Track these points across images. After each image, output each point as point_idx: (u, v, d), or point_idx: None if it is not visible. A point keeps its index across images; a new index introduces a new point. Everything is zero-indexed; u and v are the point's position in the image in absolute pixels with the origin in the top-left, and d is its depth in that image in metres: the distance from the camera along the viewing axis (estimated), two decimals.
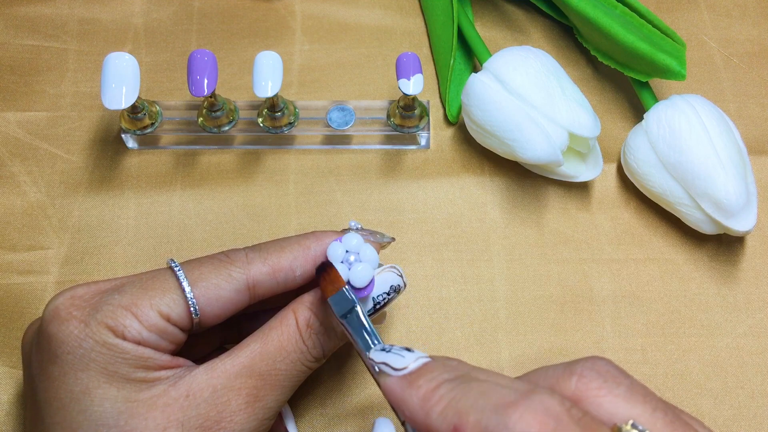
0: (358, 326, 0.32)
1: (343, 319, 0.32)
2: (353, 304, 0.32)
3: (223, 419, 0.32)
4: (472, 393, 0.26)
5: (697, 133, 0.42)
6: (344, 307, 0.32)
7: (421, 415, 0.27)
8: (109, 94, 0.42)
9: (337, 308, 0.32)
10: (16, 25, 0.52)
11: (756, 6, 0.54)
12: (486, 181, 0.47)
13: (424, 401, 0.27)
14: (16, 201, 0.46)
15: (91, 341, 0.31)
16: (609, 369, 0.28)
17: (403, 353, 0.29)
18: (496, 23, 0.53)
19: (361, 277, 0.33)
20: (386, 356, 0.29)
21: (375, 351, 0.30)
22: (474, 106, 0.44)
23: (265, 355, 0.33)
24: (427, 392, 0.27)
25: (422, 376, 0.28)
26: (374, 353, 0.30)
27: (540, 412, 0.25)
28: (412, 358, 0.29)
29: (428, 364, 0.28)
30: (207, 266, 0.34)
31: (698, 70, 0.51)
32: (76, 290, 0.33)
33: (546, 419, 0.24)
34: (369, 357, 0.30)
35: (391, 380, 0.28)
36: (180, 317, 0.33)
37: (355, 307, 0.32)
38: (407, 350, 0.29)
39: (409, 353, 0.29)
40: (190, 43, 0.52)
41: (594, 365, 0.28)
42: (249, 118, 0.48)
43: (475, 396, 0.26)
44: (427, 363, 0.29)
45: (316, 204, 0.47)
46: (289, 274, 0.35)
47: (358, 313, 0.32)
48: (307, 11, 0.54)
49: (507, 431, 0.24)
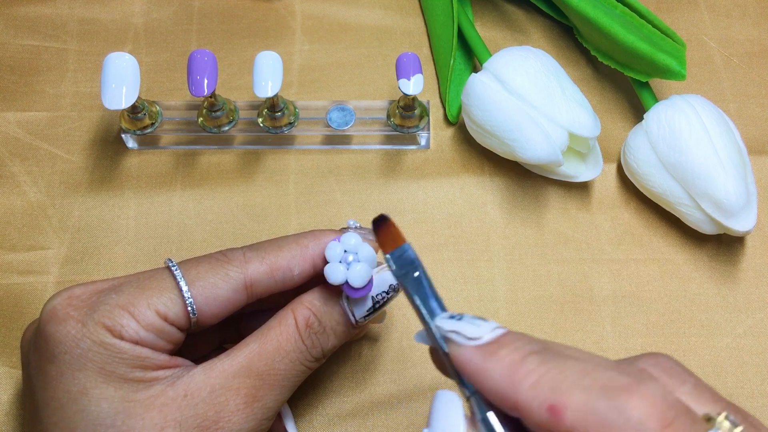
0: (419, 288, 0.30)
1: (402, 278, 0.30)
2: (415, 264, 0.30)
3: (221, 419, 0.31)
4: (572, 371, 0.25)
5: (697, 133, 0.42)
6: (404, 265, 0.30)
7: (506, 389, 0.25)
8: (109, 94, 0.42)
9: (396, 265, 0.30)
10: (16, 25, 0.52)
11: (756, 6, 0.54)
12: (486, 181, 0.47)
13: (511, 373, 0.25)
14: (16, 201, 0.46)
15: (89, 341, 0.31)
16: (673, 366, 0.26)
17: (476, 322, 0.27)
18: (496, 23, 0.53)
19: (360, 277, 0.33)
20: (457, 324, 0.28)
21: (442, 318, 0.28)
22: (474, 106, 0.44)
23: (264, 354, 0.33)
24: (512, 364, 0.26)
25: (504, 347, 0.26)
26: (442, 320, 0.28)
27: (659, 400, 0.23)
28: (487, 327, 0.27)
29: (507, 335, 0.27)
30: (204, 265, 0.34)
31: (698, 70, 0.51)
32: (74, 290, 0.33)
33: (666, 409, 0.23)
34: (435, 324, 0.28)
35: (466, 350, 0.27)
36: (177, 317, 0.33)
37: (417, 266, 0.30)
38: (480, 320, 0.28)
39: (483, 322, 0.27)
40: (190, 43, 0.52)
41: (657, 361, 0.27)
42: (249, 118, 0.48)
43: (577, 374, 0.24)
44: (505, 333, 0.27)
45: (316, 204, 0.47)
46: (287, 273, 0.35)
47: (422, 274, 0.30)
48: (307, 11, 0.54)
49: (623, 418, 0.23)
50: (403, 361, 0.42)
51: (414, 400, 0.41)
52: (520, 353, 0.26)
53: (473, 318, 0.28)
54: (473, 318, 0.28)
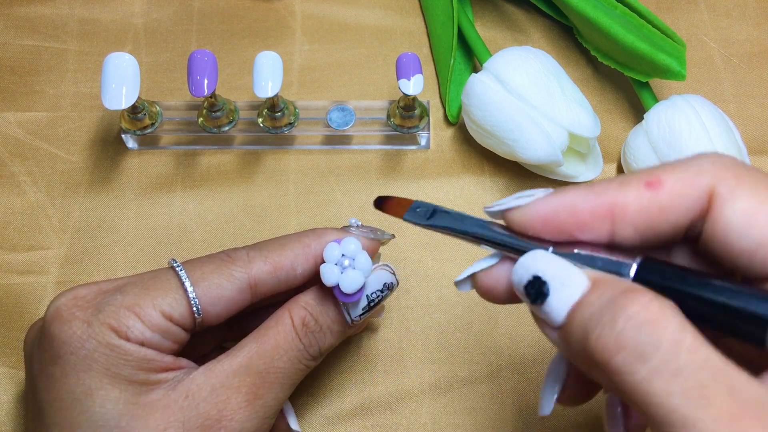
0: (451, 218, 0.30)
1: (434, 223, 0.30)
2: (432, 206, 0.30)
3: (223, 418, 0.32)
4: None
5: (697, 133, 0.42)
6: (424, 214, 0.30)
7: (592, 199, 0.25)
8: (109, 94, 0.42)
9: (419, 220, 0.30)
10: (16, 25, 0.52)
11: (756, 6, 0.54)
12: (486, 181, 0.47)
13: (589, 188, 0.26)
14: (16, 201, 0.46)
15: (94, 342, 0.31)
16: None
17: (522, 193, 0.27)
18: (496, 23, 0.53)
19: (351, 284, 0.34)
20: (503, 200, 0.27)
21: (487, 208, 0.28)
22: (474, 106, 0.44)
23: (263, 353, 0.33)
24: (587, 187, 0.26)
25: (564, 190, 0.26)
26: (489, 209, 0.28)
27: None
28: (539, 190, 0.27)
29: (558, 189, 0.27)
30: (208, 266, 0.34)
31: (698, 70, 0.51)
32: (78, 290, 0.33)
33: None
34: (487, 210, 0.28)
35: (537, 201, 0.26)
36: (182, 317, 0.33)
37: (436, 207, 0.30)
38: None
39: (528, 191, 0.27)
40: (190, 43, 0.52)
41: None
42: (249, 118, 0.48)
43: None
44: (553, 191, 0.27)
45: (316, 204, 0.47)
46: (291, 273, 0.35)
47: (440, 208, 0.30)
48: (307, 11, 0.54)
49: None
50: (402, 360, 0.42)
51: (414, 400, 0.41)
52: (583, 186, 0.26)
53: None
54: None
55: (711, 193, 0.24)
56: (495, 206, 0.28)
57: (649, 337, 0.22)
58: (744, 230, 0.24)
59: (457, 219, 0.29)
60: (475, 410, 0.41)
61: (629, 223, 0.25)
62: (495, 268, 0.28)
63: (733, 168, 0.25)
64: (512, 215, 0.27)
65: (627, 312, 0.23)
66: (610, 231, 0.26)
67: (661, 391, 0.21)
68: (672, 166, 0.25)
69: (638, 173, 0.25)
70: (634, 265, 0.25)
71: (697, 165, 0.25)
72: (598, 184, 0.26)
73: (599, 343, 0.23)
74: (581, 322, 0.24)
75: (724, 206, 0.24)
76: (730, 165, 0.25)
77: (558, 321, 0.25)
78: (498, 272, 0.28)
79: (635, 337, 0.22)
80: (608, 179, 0.26)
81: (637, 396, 0.22)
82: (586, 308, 0.24)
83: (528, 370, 0.42)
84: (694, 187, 0.25)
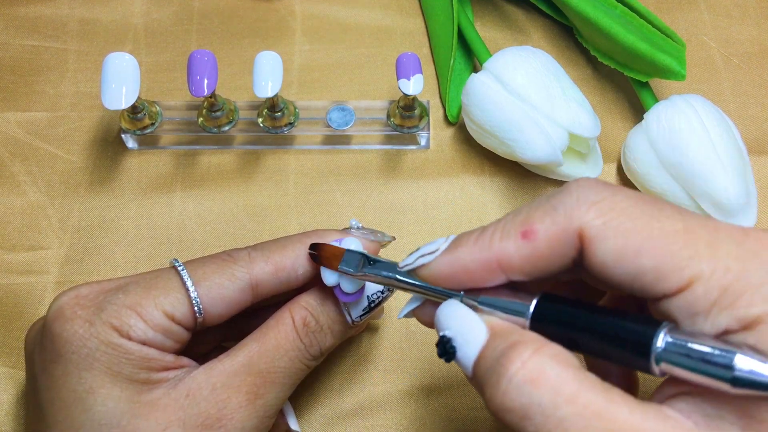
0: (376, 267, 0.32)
1: (365, 272, 0.32)
2: (359, 255, 0.33)
3: (224, 417, 0.32)
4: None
5: (697, 133, 0.42)
6: (355, 263, 0.33)
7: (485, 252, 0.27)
8: (109, 94, 0.42)
9: (352, 269, 0.33)
10: (16, 25, 0.52)
11: (756, 6, 0.54)
12: (486, 181, 0.47)
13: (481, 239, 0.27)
14: (16, 201, 0.46)
15: (96, 341, 0.31)
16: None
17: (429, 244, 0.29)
18: (496, 23, 0.53)
19: (351, 284, 0.34)
20: (413, 255, 0.29)
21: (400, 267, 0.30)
22: (474, 106, 0.44)
23: (264, 353, 0.33)
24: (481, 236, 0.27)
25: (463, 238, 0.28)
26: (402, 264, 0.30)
27: None
28: (440, 240, 0.29)
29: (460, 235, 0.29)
30: (210, 266, 0.34)
31: (698, 70, 0.51)
32: (80, 289, 0.33)
33: None
34: (400, 268, 0.30)
35: (437, 260, 0.28)
36: (184, 316, 0.33)
37: (364, 255, 0.33)
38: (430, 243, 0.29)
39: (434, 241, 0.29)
40: (190, 43, 0.52)
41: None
42: (249, 118, 0.48)
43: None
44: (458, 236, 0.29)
45: (316, 204, 0.47)
46: (292, 273, 0.35)
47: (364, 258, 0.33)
48: (307, 11, 0.54)
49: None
50: (402, 361, 0.42)
51: (414, 400, 0.41)
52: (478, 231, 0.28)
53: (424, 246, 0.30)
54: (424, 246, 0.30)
55: (580, 235, 0.25)
56: (404, 266, 0.30)
57: (529, 396, 0.24)
58: (617, 266, 0.25)
59: (382, 272, 0.32)
60: (475, 410, 0.41)
61: (516, 271, 0.27)
62: (427, 307, 0.31)
63: (597, 204, 0.25)
64: (420, 273, 0.29)
65: (508, 372, 0.24)
66: (505, 278, 0.27)
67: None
68: (543, 210, 0.26)
69: (515, 219, 0.27)
70: (531, 306, 0.27)
71: (564, 208, 0.26)
72: (482, 236, 0.27)
73: (491, 405, 0.25)
74: (480, 378, 0.26)
75: (596, 247, 0.25)
76: (594, 200, 0.26)
77: (469, 375, 0.27)
78: (430, 311, 0.30)
79: (517, 399, 0.24)
80: (492, 228, 0.27)
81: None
82: (482, 364, 0.26)
83: None
84: (564, 233, 0.26)
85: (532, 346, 0.25)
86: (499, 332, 0.27)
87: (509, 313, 0.27)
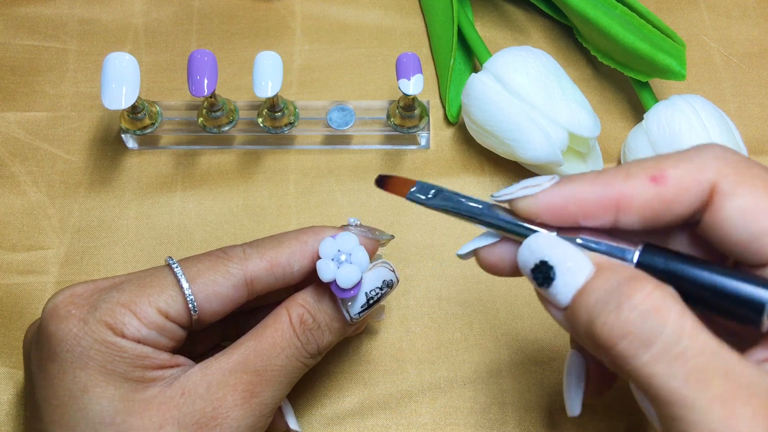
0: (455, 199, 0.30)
1: (437, 204, 0.31)
2: (435, 187, 0.31)
3: (219, 415, 0.32)
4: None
5: (697, 133, 0.42)
6: (427, 194, 0.31)
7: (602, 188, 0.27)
8: (109, 94, 0.42)
9: (423, 199, 0.31)
10: (16, 25, 0.52)
11: (756, 6, 0.54)
12: (486, 181, 0.47)
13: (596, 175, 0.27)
14: (16, 201, 0.46)
15: (90, 339, 0.31)
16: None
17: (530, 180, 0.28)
18: (496, 23, 0.53)
19: (348, 279, 0.33)
20: (509, 189, 0.29)
21: (494, 197, 0.29)
22: (474, 106, 0.44)
23: (260, 351, 0.33)
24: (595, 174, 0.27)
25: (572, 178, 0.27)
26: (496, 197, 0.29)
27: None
28: (545, 177, 0.28)
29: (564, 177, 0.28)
30: (205, 263, 0.34)
31: (698, 70, 0.51)
32: (75, 288, 0.33)
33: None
34: (494, 197, 0.29)
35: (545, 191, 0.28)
36: (179, 314, 0.33)
37: (438, 187, 0.31)
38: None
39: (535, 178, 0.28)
40: (190, 43, 0.52)
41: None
42: (249, 118, 0.48)
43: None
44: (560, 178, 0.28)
45: (316, 204, 0.47)
46: (287, 270, 0.35)
47: (444, 189, 0.31)
48: (307, 11, 0.54)
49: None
50: (402, 360, 0.42)
51: (414, 400, 0.41)
52: (593, 171, 0.27)
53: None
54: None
55: (713, 187, 0.26)
56: (502, 195, 0.29)
57: (653, 324, 0.24)
58: (741, 224, 0.25)
59: (461, 200, 0.30)
60: (475, 410, 0.41)
61: (634, 214, 0.27)
62: (498, 246, 0.30)
63: (734, 164, 0.26)
64: (519, 205, 0.28)
65: (632, 300, 0.24)
66: (614, 219, 0.27)
67: (662, 374, 0.23)
68: (675, 159, 0.27)
69: (643, 164, 0.27)
70: (636, 251, 0.27)
71: (700, 159, 0.26)
72: (603, 174, 0.27)
73: (605, 329, 0.25)
74: (587, 306, 0.26)
75: (725, 201, 0.26)
76: (731, 160, 0.26)
77: (563, 304, 0.27)
78: (501, 251, 0.30)
79: (639, 325, 0.24)
80: (613, 169, 0.27)
81: (640, 378, 0.24)
82: (591, 293, 0.26)
83: (528, 370, 0.42)
84: (697, 182, 0.26)
85: (653, 281, 0.25)
86: (609, 267, 0.27)
87: (612, 256, 0.27)
